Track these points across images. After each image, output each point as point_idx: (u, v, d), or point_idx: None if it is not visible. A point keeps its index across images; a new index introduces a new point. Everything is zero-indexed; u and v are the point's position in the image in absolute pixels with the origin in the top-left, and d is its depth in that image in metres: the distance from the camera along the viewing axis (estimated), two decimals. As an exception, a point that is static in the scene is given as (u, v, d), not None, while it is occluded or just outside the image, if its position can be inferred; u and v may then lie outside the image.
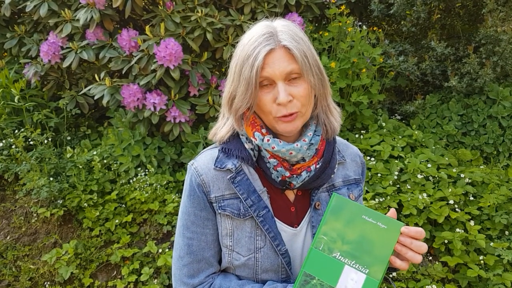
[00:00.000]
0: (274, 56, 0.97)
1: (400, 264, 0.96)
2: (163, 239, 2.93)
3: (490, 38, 3.56)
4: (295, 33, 1.00)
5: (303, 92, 1.00)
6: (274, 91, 0.99)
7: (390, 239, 0.95)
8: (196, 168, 1.10)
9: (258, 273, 1.07)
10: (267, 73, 0.97)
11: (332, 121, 1.12)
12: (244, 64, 0.98)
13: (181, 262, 1.11)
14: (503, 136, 3.50)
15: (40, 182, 2.91)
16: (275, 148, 1.03)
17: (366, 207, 1.00)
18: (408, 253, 0.94)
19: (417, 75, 3.71)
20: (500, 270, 2.55)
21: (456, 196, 2.81)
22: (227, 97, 1.05)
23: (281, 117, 1.00)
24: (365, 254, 0.96)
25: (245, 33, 1.05)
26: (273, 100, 0.99)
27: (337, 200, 1.01)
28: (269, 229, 1.06)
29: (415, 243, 0.94)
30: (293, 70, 0.98)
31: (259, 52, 0.97)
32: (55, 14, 3.34)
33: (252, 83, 0.97)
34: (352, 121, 3.53)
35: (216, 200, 1.08)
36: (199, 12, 3.03)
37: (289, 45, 0.97)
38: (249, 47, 0.99)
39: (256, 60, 0.96)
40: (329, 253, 0.98)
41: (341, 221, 0.99)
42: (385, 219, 0.97)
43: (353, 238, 0.98)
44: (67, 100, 3.48)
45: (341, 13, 3.54)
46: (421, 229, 0.95)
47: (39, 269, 2.82)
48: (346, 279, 0.96)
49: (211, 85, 3.20)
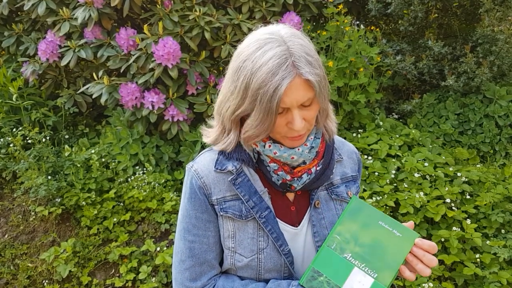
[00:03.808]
0: (292, 86, 0.92)
1: (408, 275, 0.97)
2: (161, 237, 2.94)
3: (487, 38, 3.57)
4: (308, 53, 0.95)
5: (314, 114, 1.00)
6: (287, 115, 0.97)
7: (403, 248, 0.96)
8: (196, 171, 1.10)
9: (261, 274, 1.07)
10: (284, 104, 0.94)
11: (328, 123, 1.12)
12: (260, 91, 0.92)
13: (183, 265, 1.10)
14: (499, 135, 3.51)
15: (38, 180, 2.91)
16: (277, 154, 1.03)
17: (383, 213, 1.01)
18: (418, 265, 0.95)
19: (414, 74, 3.72)
20: (496, 268, 2.56)
21: (452, 194, 2.83)
22: (232, 114, 1.01)
23: (292, 137, 1.01)
24: (376, 259, 0.96)
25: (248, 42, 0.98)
26: (286, 123, 0.98)
27: (356, 203, 1.02)
28: (272, 229, 1.06)
29: (427, 256, 0.95)
30: (309, 97, 0.96)
31: (280, 85, 0.91)
32: (53, 13, 3.34)
33: (272, 114, 0.94)
34: (350, 120, 3.54)
35: (217, 202, 1.08)
36: (197, 11, 3.03)
37: (310, 78, 0.93)
38: (265, 74, 0.91)
39: (277, 93, 0.91)
40: (341, 253, 0.99)
41: (357, 223, 1.00)
42: (401, 227, 0.98)
43: (366, 242, 0.98)
44: (65, 98, 3.48)
45: (338, 12, 3.55)
46: (434, 244, 0.96)
47: (37, 267, 2.82)
48: (353, 281, 0.96)
49: (209, 84, 3.21)
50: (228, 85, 1.01)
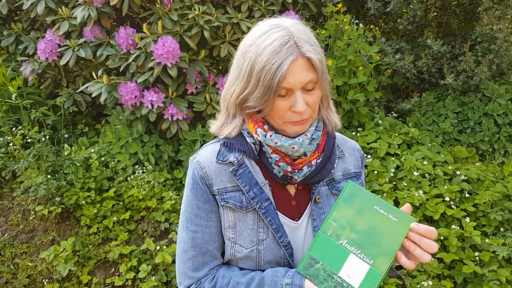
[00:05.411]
0: (295, 66, 0.97)
1: (405, 261, 0.94)
2: (161, 236, 2.94)
3: (486, 36, 3.58)
4: (310, 38, 1.00)
5: (316, 100, 1.02)
6: (290, 99, 1.00)
7: (399, 233, 0.94)
8: (198, 161, 1.12)
9: (261, 265, 1.09)
10: (288, 84, 0.97)
11: (332, 117, 1.15)
12: (264, 70, 0.96)
13: (186, 255, 1.11)
14: (498, 134, 3.52)
15: (37, 179, 2.91)
16: (277, 143, 1.04)
17: (379, 198, 0.99)
18: (416, 250, 0.92)
19: (414, 73, 3.73)
20: (495, 266, 2.57)
21: (452, 193, 2.83)
22: (237, 98, 1.05)
23: (294, 122, 1.02)
24: (372, 245, 0.95)
25: (254, 31, 1.03)
26: (289, 108, 1.01)
27: (351, 188, 1.01)
28: (272, 220, 1.07)
29: (424, 241, 0.92)
30: (312, 79, 0.99)
31: (283, 62, 0.95)
32: (52, 12, 3.34)
33: (272, 91, 0.97)
34: (349, 119, 3.55)
35: (218, 193, 1.09)
36: (196, 10, 3.03)
37: (312, 57, 0.97)
38: (269, 53, 0.96)
39: (280, 70, 0.95)
40: (336, 240, 0.98)
41: (352, 209, 0.99)
42: (397, 212, 0.96)
43: (362, 228, 0.97)
44: (65, 98, 3.48)
45: (338, 11, 3.55)
46: (432, 228, 0.93)
47: (37, 266, 2.83)
48: (349, 267, 0.95)
49: (208, 83, 3.21)
50: (233, 72, 1.06)
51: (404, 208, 0.98)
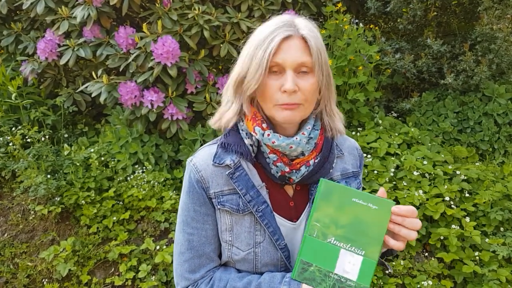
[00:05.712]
0: (290, 44, 0.98)
1: (394, 243, 0.95)
2: (161, 236, 2.94)
3: (485, 36, 3.58)
4: (313, 28, 1.03)
5: (309, 87, 1.01)
6: (281, 79, 1.00)
7: (382, 219, 0.95)
8: (195, 164, 1.11)
9: (257, 267, 1.09)
10: (279, 59, 0.98)
11: (336, 123, 1.13)
12: (258, 46, 0.99)
13: (182, 257, 1.12)
14: (498, 133, 3.52)
15: (37, 179, 2.91)
16: (275, 143, 1.04)
17: (355, 189, 1.00)
18: (402, 231, 0.94)
19: (413, 72, 3.73)
20: (495, 266, 2.57)
21: (451, 192, 2.83)
22: (235, 79, 1.06)
23: (282, 104, 1.01)
24: (360, 236, 0.96)
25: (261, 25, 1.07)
26: (279, 88, 1.00)
27: (325, 185, 1.01)
28: (268, 223, 1.07)
29: (407, 221, 0.94)
30: (305, 62, 0.99)
31: (276, 36, 0.98)
32: (52, 12, 3.34)
33: (263, 65, 0.98)
34: (349, 119, 3.55)
35: (215, 196, 1.09)
36: (196, 10, 3.03)
37: (308, 36, 0.98)
38: (266, 31, 1.00)
39: (271, 43, 0.97)
40: (324, 239, 0.98)
41: (332, 206, 0.99)
42: (375, 199, 0.97)
43: (346, 222, 0.97)
44: (64, 97, 3.48)
45: (337, 11, 3.55)
46: (412, 207, 0.95)
47: (36, 266, 2.82)
48: (343, 263, 0.96)
49: (208, 82, 3.21)
50: (237, 62, 1.08)
51: (380, 193, 1.00)
